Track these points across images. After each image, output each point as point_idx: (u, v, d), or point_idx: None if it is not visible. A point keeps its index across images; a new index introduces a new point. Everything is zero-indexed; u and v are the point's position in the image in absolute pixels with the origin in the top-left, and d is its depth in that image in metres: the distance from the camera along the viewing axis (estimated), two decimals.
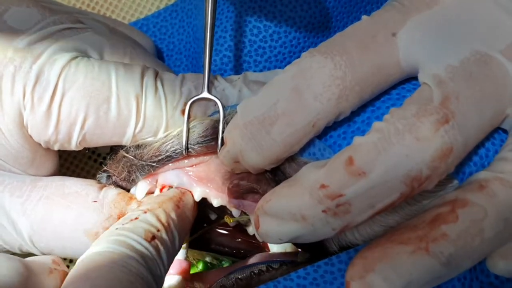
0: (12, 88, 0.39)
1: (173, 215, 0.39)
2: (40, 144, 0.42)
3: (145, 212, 0.39)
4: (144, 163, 0.42)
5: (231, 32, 0.49)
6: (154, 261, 0.36)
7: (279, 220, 0.33)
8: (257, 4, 0.48)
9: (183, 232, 0.40)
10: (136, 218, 0.38)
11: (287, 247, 0.46)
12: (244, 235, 0.48)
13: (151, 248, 0.36)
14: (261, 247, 0.48)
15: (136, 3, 0.58)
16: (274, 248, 0.46)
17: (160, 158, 0.41)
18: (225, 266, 0.50)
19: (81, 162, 0.55)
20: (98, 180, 0.44)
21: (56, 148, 0.42)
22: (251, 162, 0.36)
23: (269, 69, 0.50)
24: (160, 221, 0.38)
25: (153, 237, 0.37)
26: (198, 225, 0.48)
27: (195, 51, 0.54)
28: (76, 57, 0.40)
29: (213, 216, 0.48)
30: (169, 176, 0.43)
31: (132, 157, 0.42)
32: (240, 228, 0.48)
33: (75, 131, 0.40)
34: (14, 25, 0.40)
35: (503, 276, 0.35)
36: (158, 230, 0.37)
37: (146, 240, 0.36)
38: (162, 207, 0.39)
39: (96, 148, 0.54)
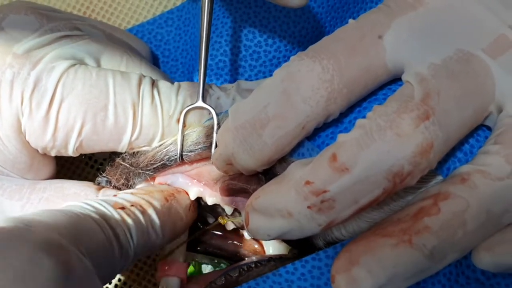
0: (10, 94, 0.40)
1: (156, 203, 0.40)
2: (37, 150, 0.43)
3: (127, 193, 0.39)
4: (140, 170, 0.43)
5: (226, 37, 0.50)
6: (119, 226, 0.36)
7: (267, 217, 0.34)
8: (251, 9, 0.49)
9: (169, 226, 0.40)
10: (114, 195, 0.39)
11: (283, 250, 0.46)
12: (241, 239, 0.49)
13: (115, 213, 0.36)
14: (258, 251, 0.49)
15: (132, 10, 0.59)
16: (270, 251, 0.47)
17: (155, 166, 0.42)
18: (221, 268, 0.51)
19: (78, 168, 0.56)
20: (98, 183, 0.45)
21: (53, 154, 0.43)
22: (243, 164, 0.37)
23: (264, 73, 0.50)
24: (138, 202, 0.39)
25: (122, 208, 0.37)
26: (197, 229, 0.48)
27: (192, 58, 0.55)
28: (74, 64, 0.41)
29: (211, 220, 0.48)
30: (166, 177, 0.44)
31: (128, 165, 0.43)
32: (237, 232, 0.49)
33: (72, 138, 0.41)
34: (12, 32, 0.41)
35: (489, 272, 0.35)
36: (132, 205, 0.38)
37: (113, 207, 0.37)
38: (147, 194, 0.40)
39: (92, 154, 0.55)
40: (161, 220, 0.39)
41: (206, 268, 0.51)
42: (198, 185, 0.43)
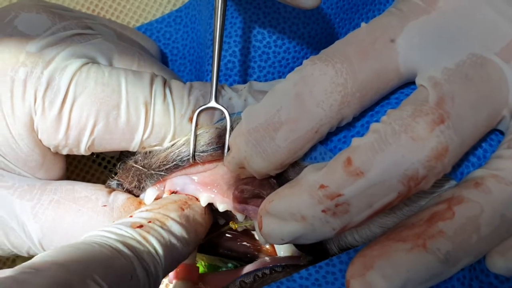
0: (23, 93, 0.40)
1: (173, 215, 0.40)
2: (49, 149, 0.43)
3: (141, 212, 0.40)
4: (152, 171, 0.43)
5: (235, 38, 0.50)
6: (141, 245, 0.36)
7: (281, 221, 0.34)
8: (261, 10, 0.49)
9: (191, 233, 0.40)
10: (130, 216, 0.39)
11: (293, 252, 0.46)
12: (252, 240, 0.49)
13: (135, 233, 0.36)
14: (268, 252, 0.49)
15: (141, 9, 0.59)
16: (281, 252, 0.47)
17: (167, 166, 0.42)
18: (229, 269, 0.51)
19: (86, 166, 0.56)
20: (108, 185, 0.45)
21: (65, 152, 0.43)
22: (257, 167, 0.37)
23: (272, 74, 0.50)
24: (154, 217, 0.39)
25: (140, 226, 0.37)
26: (208, 231, 0.48)
27: (199, 56, 0.55)
28: (87, 63, 0.41)
29: (221, 221, 0.48)
30: (176, 182, 0.44)
31: (141, 167, 0.43)
32: (247, 233, 0.49)
33: (84, 136, 0.41)
34: (24, 31, 0.42)
35: (503, 276, 0.35)
36: (150, 222, 0.38)
37: (131, 227, 0.36)
38: (161, 208, 0.40)
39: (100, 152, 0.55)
40: (186, 231, 0.39)
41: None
42: (209, 191, 0.43)
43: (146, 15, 0.59)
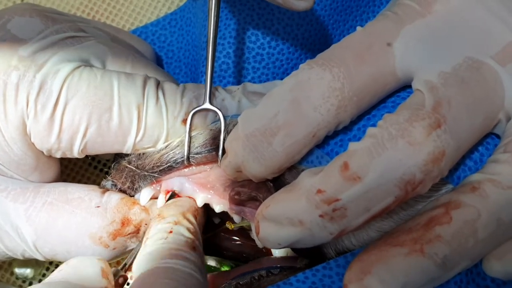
0: (16, 97, 0.40)
1: (195, 225, 0.41)
2: (42, 152, 0.43)
3: (176, 224, 0.40)
4: (146, 173, 0.42)
5: (229, 39, 0.50)
6: (202, 267, 0.38)
7: (278, 225, 0.34)
8: (255, 12, 0.49)
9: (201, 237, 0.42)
10: (170, 232, 0.40)
11: (288, 251, 0.46)
12: (247, 239, 0.49)
13: (197, 256, 0.38)
14: (264, 251, 0.49)
15: (136, 12, 0.59)
16: (276, 252, 0.47)
17: (161, 168, 0.42)
18: (225, 269, 0.51)
19: (81, 169, 0.56)
20: (103, 185, 0.45)
21: (58, 155, 0.43)
22: (254, 172, 0.37)
23: (267, 75, 0.50)
24: (189, 231, 0.40)
25: (194, 248, 0.38)
26: (204, 231, 0.48)
27: (194, 59, 0.55)
28: (79, 66, 0.41)
29: (216, 220, 0.48)
30: (172, 182, 0.44)
31: (134, 168, 0.43)
32: (243, 232, 0.49)
33: (77, 139, 0.41)
34: (17, 34, 0.41)
35: (499, 279, 0.35)
36: (193, 241, 0.39)
37: (192, 251, 0.38)
38: (186, 218, 0.41)
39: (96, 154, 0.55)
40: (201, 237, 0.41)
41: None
42: (206, 192, 0.43)
43: (141, 18, 0.59)
